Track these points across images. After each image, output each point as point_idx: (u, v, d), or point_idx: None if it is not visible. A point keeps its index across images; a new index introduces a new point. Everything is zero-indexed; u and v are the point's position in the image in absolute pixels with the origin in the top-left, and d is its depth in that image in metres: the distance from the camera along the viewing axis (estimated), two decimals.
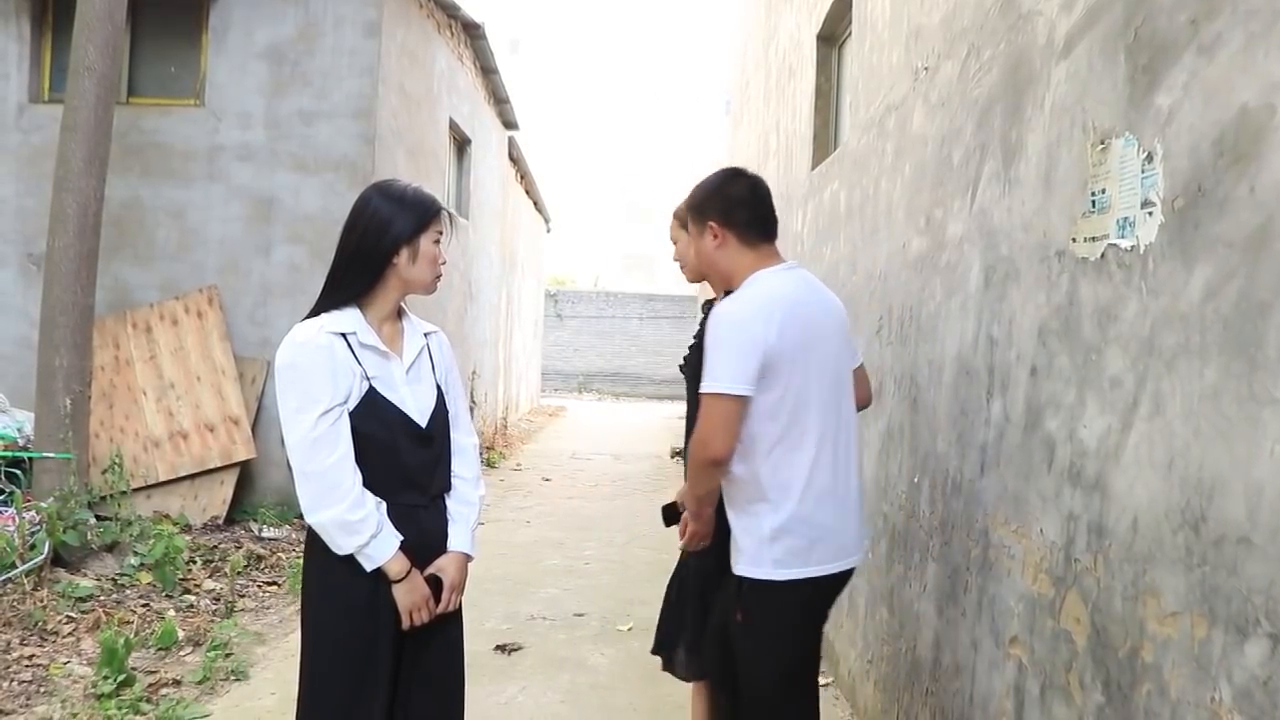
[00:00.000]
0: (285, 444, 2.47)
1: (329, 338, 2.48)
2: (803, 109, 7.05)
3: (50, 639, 5.08)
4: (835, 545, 2.73)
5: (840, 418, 2.80)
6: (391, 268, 2.56)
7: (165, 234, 8.36)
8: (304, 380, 2.44)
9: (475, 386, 14.09)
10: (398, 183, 2.67)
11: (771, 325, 2.63)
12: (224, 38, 8.33)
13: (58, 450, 6.37)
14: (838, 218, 5.53)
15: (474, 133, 12.96)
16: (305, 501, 2.46)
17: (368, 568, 2.49)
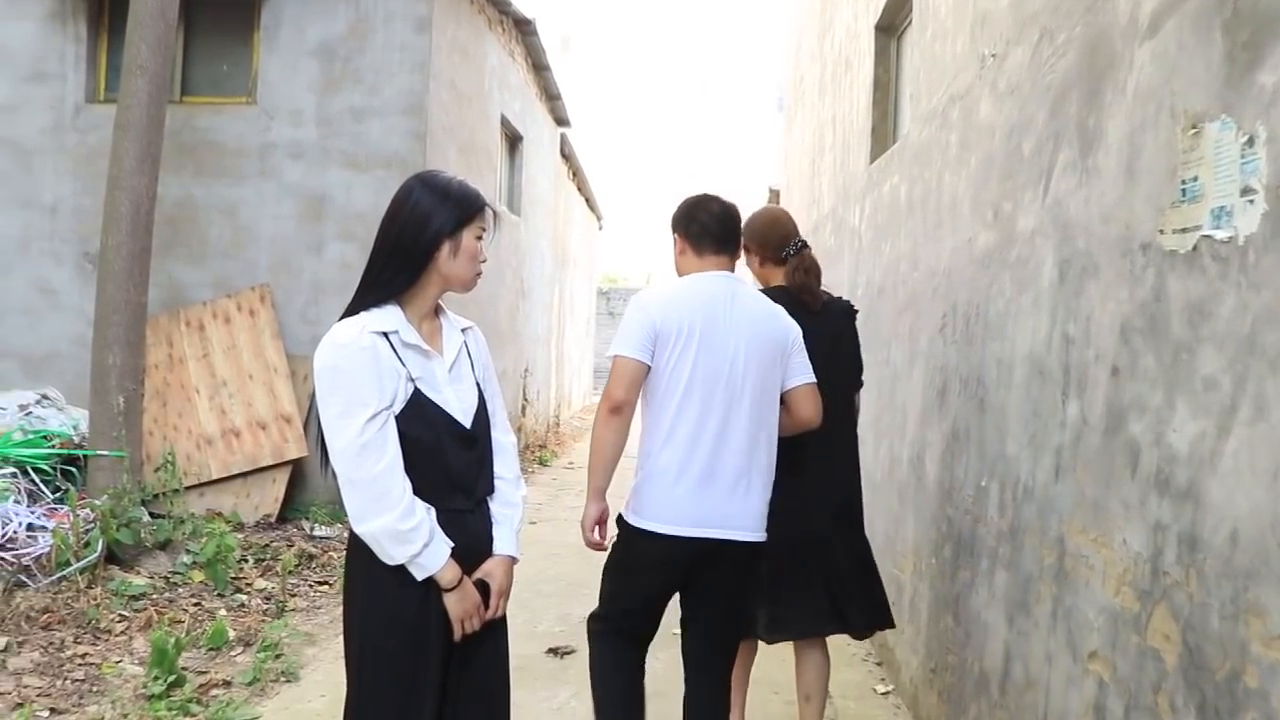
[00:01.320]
0: (329, 450, 2.37)
1: (371, 338, 2.36)
2: (860, 102, 6.89)
3: (103, 637, 5.07)
4: (696, 510, 3.16)
5: (728, 406, 3.19)
6: (432, 263, 2.45)
7: (218, 232, 8.37)
8: (348, 383, 2.33)
9: (527, 384, 14.06)
10: (442, 174, 2.55)
11: (664, 312, 3.20)
12: (275, 35, 8.32)
13: (111, 448, 6.38)
14: (898, 212, 5.38)
15: (526, 129, 12.90)
16: (353, 510, 2.34)
17: (419, 577, 2.38)
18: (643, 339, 3.20)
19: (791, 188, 12.32)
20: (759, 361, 3.25)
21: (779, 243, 3.79)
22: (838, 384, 3.65)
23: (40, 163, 8.50)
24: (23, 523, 5.82)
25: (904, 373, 5.01)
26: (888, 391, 5.40)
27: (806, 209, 10.07)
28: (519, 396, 13.58)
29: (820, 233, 8.73)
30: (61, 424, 6.96)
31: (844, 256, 7.26)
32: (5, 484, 6.09)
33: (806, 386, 3.37)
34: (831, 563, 3.69)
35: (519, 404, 13.59)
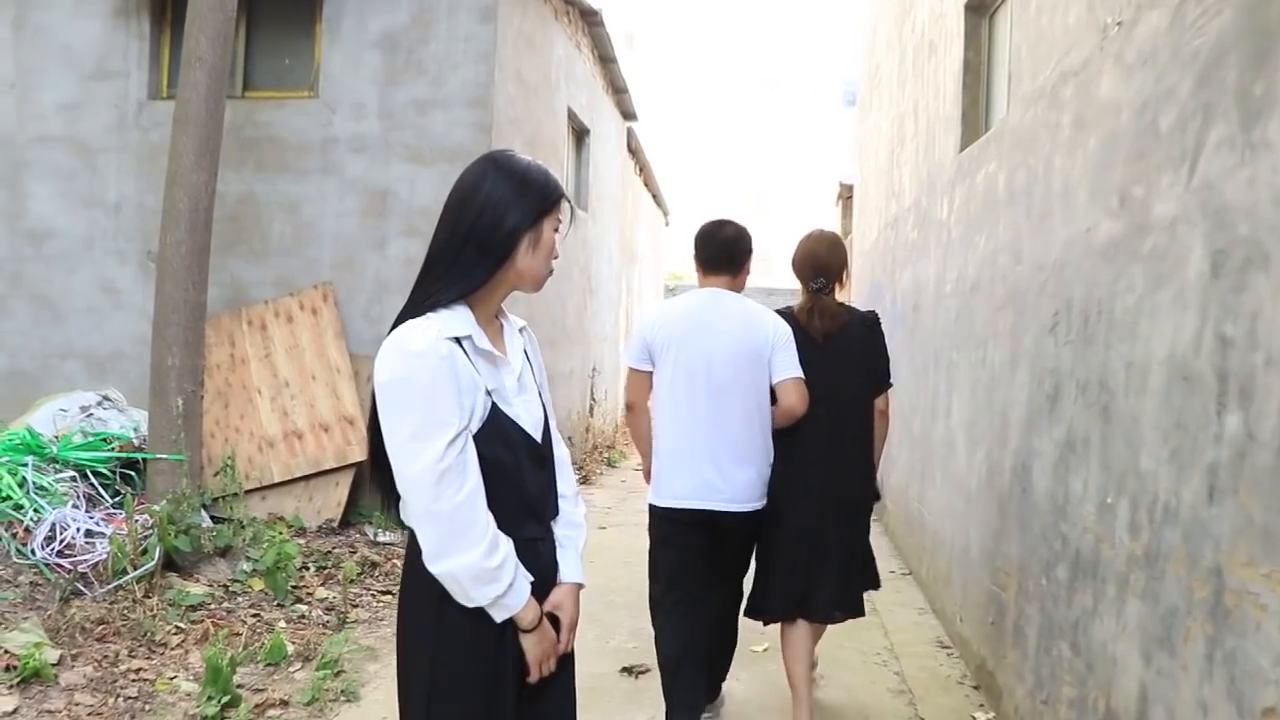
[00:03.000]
0: (398, 477, 2.05)
1: (449, 345, 2.05)
2: (947, 88, 6.50)
3: (158, 651, 4.87)
4: (690, 485, 3.92)
5: (706, 398, 3.91)
6: (511, 257, 2.15)
7: (280, 229, 8.20)
8: (425, 399, 2.01)
9: (595, 384, 13.79)
10: (516, 156, 2.22)
11: (654, 327, 4.06)
12: (338, 27, 8.12)
13: (170, 451, 6.21)
14: (995, 203, 4.99)
15: (593, 122, 12.63)
16: (431, 547, 2.04)
17: (499, 618, 2.10)
18: (640, 352, 4.10)
19: (866, 182, 11.90)
20: (734, 360, 3.93)
21: (806, 275, 4.28)
22: (854, 396, 4.19)
23: (104, 161, 8.40)
24: (80, 528, 5.66)
25: (1004, 375, 4.64)
26: (984, 394, 5.03)
27: (884, 202, 9.67)
28: (587, 396, 13.32)
29: (901, 226, 8.34)
30: (122, 426, 6.81)
31: (929, 251, 6.87)
32: (64, 488, 5.94)
33: (790, 381, 3.98)
34: (819, 555, 4.14)
35: (587, 404, 13.34)
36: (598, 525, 8.84)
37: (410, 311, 2.12)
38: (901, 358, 7.99)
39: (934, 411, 6.46)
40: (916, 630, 5.88)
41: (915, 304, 7.45)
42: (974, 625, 5.02)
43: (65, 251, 8.45)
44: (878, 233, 10.17)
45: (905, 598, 6.54)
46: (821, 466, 4.09)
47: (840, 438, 4.12)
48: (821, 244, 4.31)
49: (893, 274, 8.84)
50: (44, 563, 5.42)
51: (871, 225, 10.91)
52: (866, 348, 4.22)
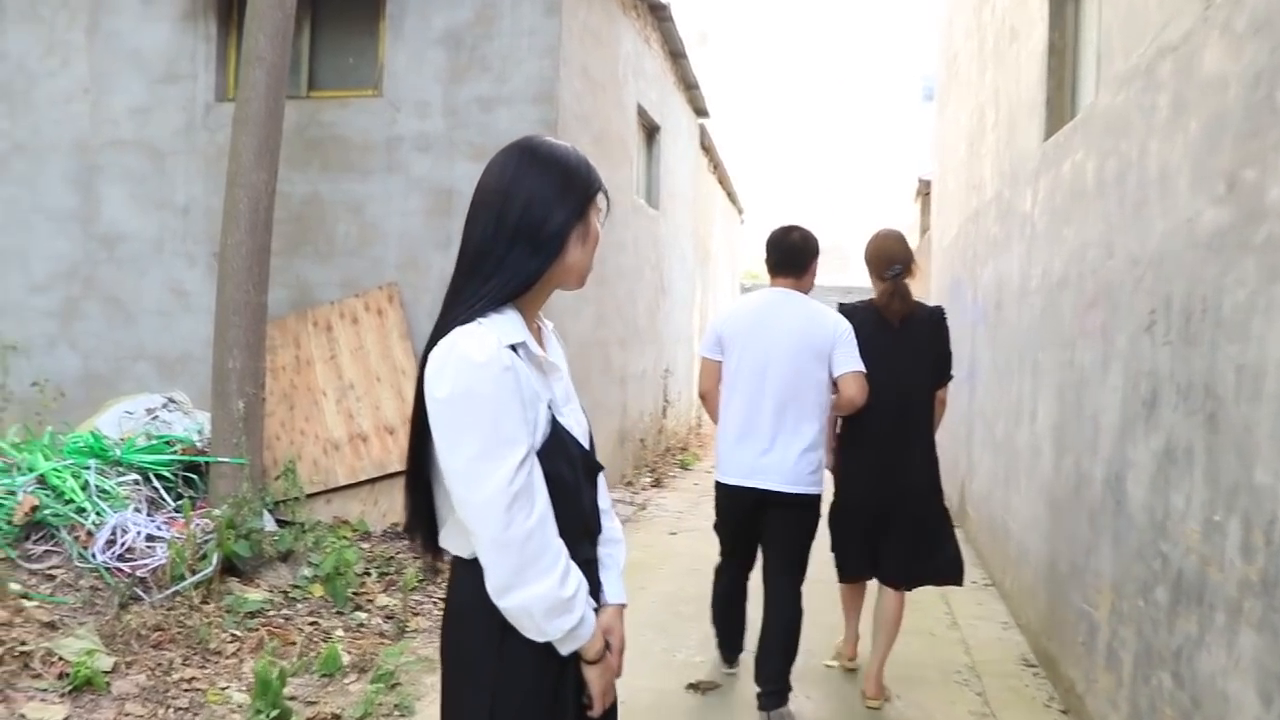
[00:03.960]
0: (460, 502, 1.86)
1: (510, 354, 1.87)
2: (1029, 73, 6.17)
3: (213, 660, 4.77)
4: (746, 466, 4.37)
5: (765, 388, 4.34)
6: (562, 252, 1.96)
7: (345, 229, 8.12)
8: (491, 416, 1.82)
9: (668, 385, 13.57)
10: (551, 141, 2.02)
11: (726, 321, 4.55)
12: (401, 25, 8.02)
13: (231, 454, 6.13)
14: (1083, 193, 4.67)
15: (663, 119, 12.42)
16: (501, 579, 1.86)
17: (566, 651, 1.93)
18: (713, 343, 4.57)
19: (945, 175, 11.52)
20: (795, 354, 4.33)
21: (880, 266, 4.65)
22: (921, 384, 4.62)
23: (173, 163, 8.41)
24: (141, 532, 5.59)
25: (1094, 377, 4.32)
26: (1073, 398, 4.71)
27: (964, 196, 9.31)
28: (660, 398, 13.12)
29: (982, 220, 8.00)
30: (186, 429, 6.76)
31: (1012, 246, 6.53)
32: (126, 491, 5.88)
33: (850, 374, 4.33)
34: (889, 528, 4.60)
35: (660, 406, 13.13)
36: (668, 531, 8.62)
37: (457, 317, 1.91)
38: (983, 357, 7.64)
39: (1018, 415, 6.13)
40: (1000, 647, 5.55)
41: (997, 301, 7.11)
42: (1062, 644, 4.70)
43: (136, 254, 8.47)
44: (957, 228, 9.80)
45: (988, 611, 6.21)
46: (892, 448, 4.56)
47: (909, 422, 4.58)
48: (890, 238, 4.77)
49: (973, 270, 8.50)
50: (104, 567, 5.35)
51: (951, 221, 10.54)
52: (934, 340, 4.66)
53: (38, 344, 8.57)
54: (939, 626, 5.89)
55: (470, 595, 1.93)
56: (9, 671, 4.23)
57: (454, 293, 1.96)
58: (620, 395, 10.77)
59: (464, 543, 1.94)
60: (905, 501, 4.58)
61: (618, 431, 10.66)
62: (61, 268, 8.62)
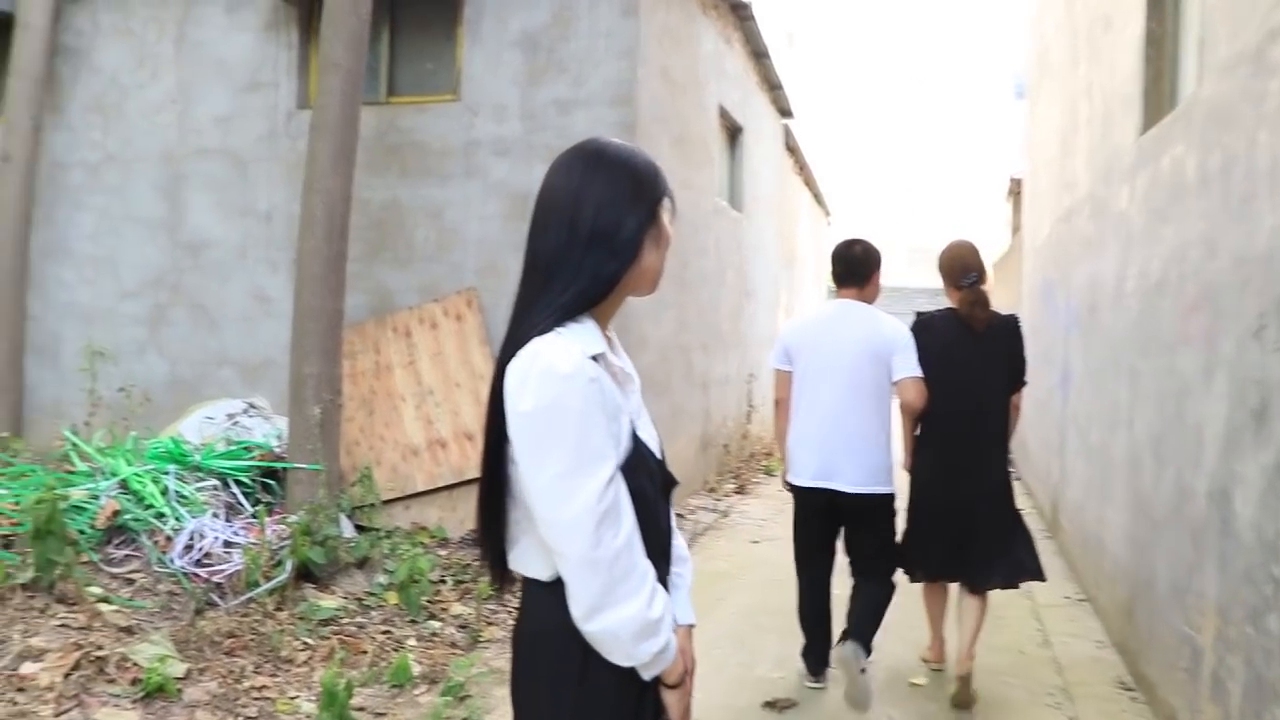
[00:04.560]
0: (545, 522, 1.78)
1: (594, 366, 1.80)
2: (1125, 64, 5.89)
3: (284, 668, 4.75)
4: (814, 468, 4.60)
5: (830, 393, 4.60)
6: (638, 257, 1.89)
7: (424, 235, 8.12)
8: (579, 430, 1.75)
9: (752, 389, 13.39)
10: (613, 142, 1.94)
11: (792, 333, 4.83)
12: (478, 28, 7.99)
13: (308, 461, 6.14)
14: (1183, 189, 4.41)
15: (746, 120, 12.26)
16: (589, 601, 1.76)
17: (649, 675, 1.85)
18: (781, 354, 4.84)
19: (1037, 173, 11.16)
20: (858, 361, 4.59)
21: (956, 275, 4.79)
22: (997, 390, 4.77)
23: (255, 171, 8.50)
24: (218, 538, 5.62)
25: (1197, 385, 4.06)
26: (1173, 407, 4.44)
27: (1056, 195, 8.99)
28: (744, 403, 12.94)
29: (1075, 220, 7.69)
30: (265, 434, 6.80)
31: (1107, 246, 6.24)
32: (205, 497, 5.92)
33: (909, 379, 4.58)
34: (968, 530, 4.69)
35: (744, 410, 12.96)
36: (750, 539, 8.46)
37: (534, 327, 1.83)
38: (1076, 363, 7.35)
39: (1114, 423, 5.85)
40: (1094, 667, 5.28)
41: (1091, 304, 6.82)
42: (1162, 668, 4.44)
43: (220, 261, 8.58)
44: (1049, 228, 9.47)
45: (1081, 628, 5.92)
46: (968, 451, 4.71)
47: (984, 426, 4.73)
48: (964, 247, 4.91)
49: (1065, 272, 8.18)
50: (182, 572, 5.39)
51: (1042, 221, 10.20)
52: (1009, 347, 4.80)
53: (127, 350, 8.73)
54: (1029, 644, 5.64)
55: (549, 619, 1.85)
56: (85, 676, 4.25)
57: (525, 303, 1.89)
58: (703, 400, 10.62)
59: (541, 564, 1.87)
60: (980, 502, 4.72)
61: (700, 437, 10.52)
62: (150, 275, 8.77)
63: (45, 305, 9.02)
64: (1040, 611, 6.20)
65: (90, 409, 7.23)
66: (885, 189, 43.19)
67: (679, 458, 9.47)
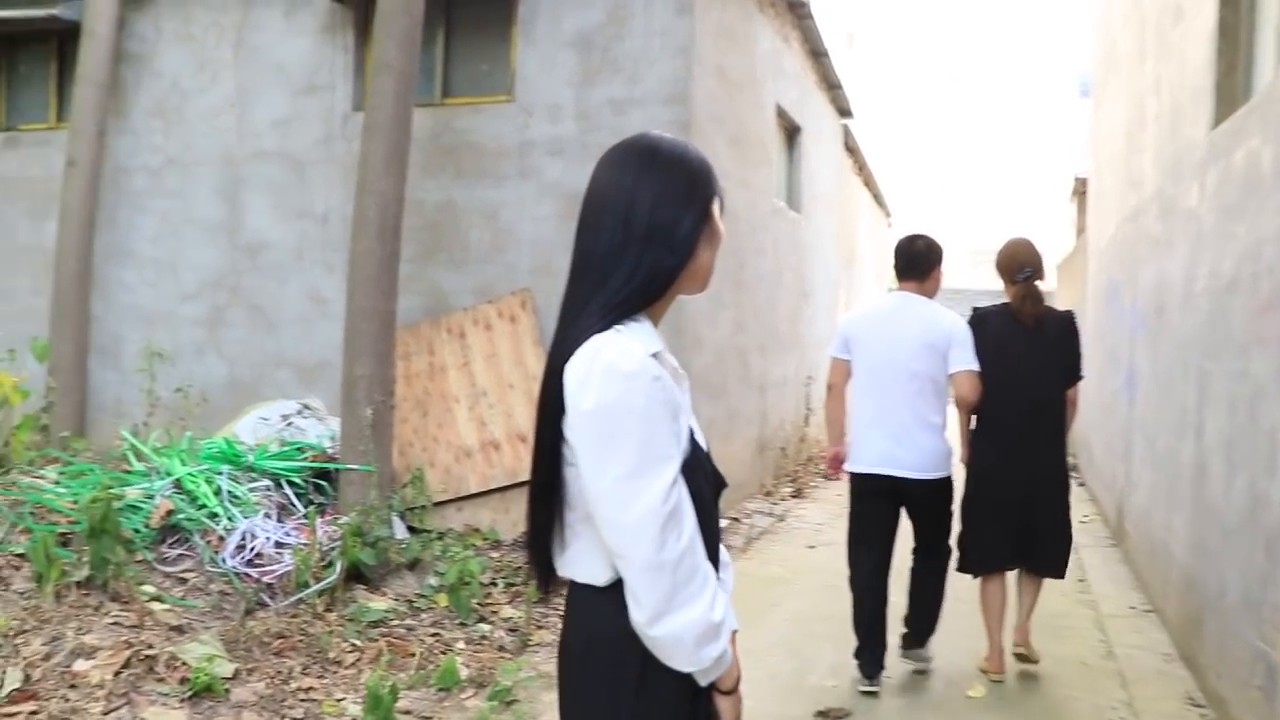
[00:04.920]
0: (607, 523, 1.73)
1: (656, 364, 1.76)
2: (1196, 56, 5.69)
3: (331, 670, 4.74)
4: (876, 455, 4.72)
5: (889, 383, 4.72)
6: (694, 254, 1.85)
7: (478, 235, 8.11)
8: (644, 430, 1.71)
9: (811, 392, 13.24)
10: (664, 138, 1.90)
11: (852, 323, 4.96)
12: (533, 28, 7.97)
13: (359, 462, 6.14)
14: (1258, 185, 4.24)
15: (804, 120, 12.12)
16: (654, 606, 1.71)
17: (706, 681, 1.80)
18: (840, 343, 4.95)
19: (1102, 172, 10.89)
20: (915, 352, 4.71)
21: (1011, 270, 4.94)
22: (1052, 382, 4.90)
23: (312, 173, 8.56)
24: (270, 538, 5.63)
25: (1271, 389, 3.89)
26: (1246, 412, 4.26)
27: (1122, 194, 8.75)
28: (801, 405, 12.80)
29: (1141, 219, 7.47)
30: (318, 435, 6.82)
31: (1176, 245, 6.04)
32: (257, 497, 5.94)
33: (964, 372, 4.72)
34: (1024, 518, 4.89)
35: (802, 413, 12.81)
36: (806, 544, 8.33)
37: (590, 326, 1.79)
38: (1143, 366, 7.14)
39: (1182, 429, 5.65)
40: (1162, 681, 5.07)
41: (1158, 305, 6.61)
42: (1234, 686, 4.26)
43: (278, 263, 8.65)
44: (1115, 228, 9.23)
45: (1147, 640, 5.72)
46: (1024, 441, 4.84)
47: (1041, 419, 4.86)
48: (1020, 245, 5.04)
49: (1132, 272, 7.96)
50: (233, 572, 5.40)
51: (1108, 220, 9.94)
52: (1064, 341, 4.93)
53: (187, 351, 8.83)
54: (1093, 655, 5.46)
55: (606, 626, 1.81)
56: (135, 674, 4.27)
57: (577, 302, 1.84)
58: (760, 403, 10.51)
59: (597, 569, 1.82)
60: (1037, 490, 4.90)
61: (757, 440, 10.41)
62: (209, 277, 8.87)
63: (108, 307, 9.15)
64: (1104, 622, 6.01)
65: (148, 409, 7.31)
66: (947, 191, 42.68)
67: (735, 460, 9.37)
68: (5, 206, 9.83)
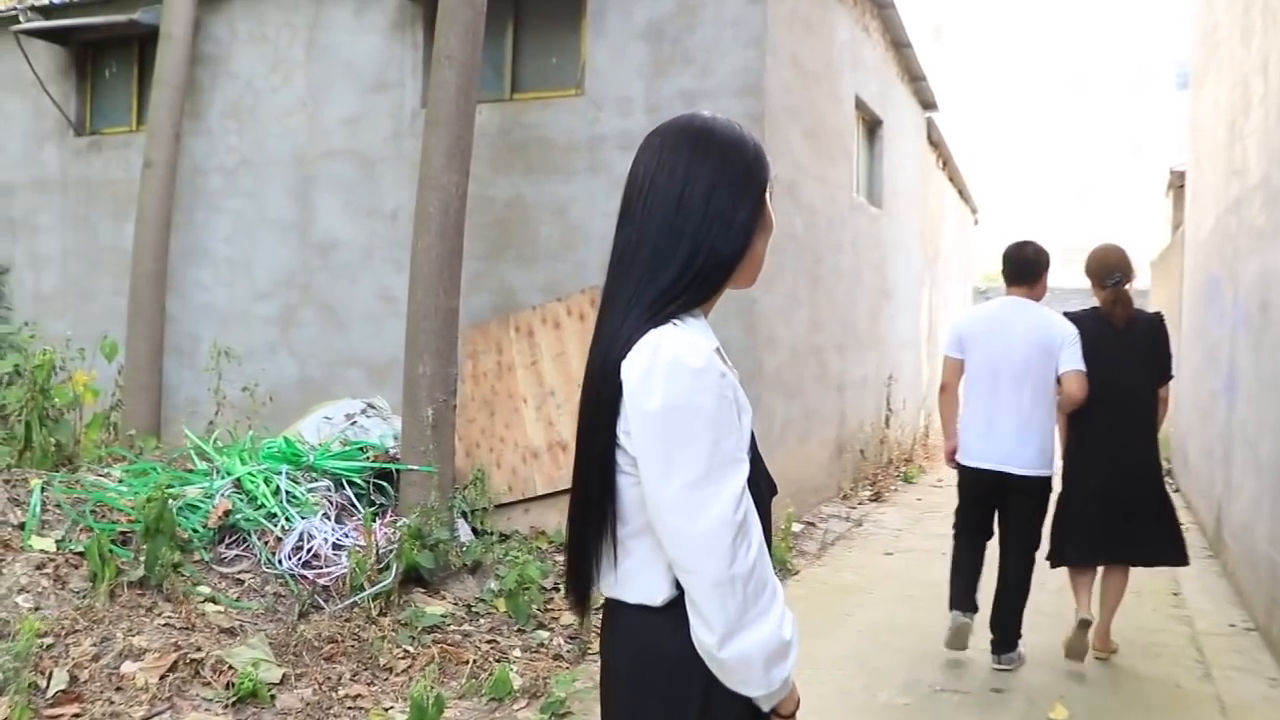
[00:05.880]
0: (672, 534, 1.59)
1: (721, 362, 1.64)
2: None
3: (382, 676, 4.62)
4: (987, 451, 4.99)
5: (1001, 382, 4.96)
6: (751, 245, 1.74)
7: (548, 232, 7.97)
8: (714, 431, 1.58)
9: (892, 392, 12.87)
10: (716, 119, 1.76)
11: (966, 325, 5.21)
12: (602, 20, 7.80)
13: (420, 462, 6.02)
14: None
15: (885, 112, 11.77)
16: (723, 626, 1.57)
17: (769, 706, 1.67)
18: (955, 342, 5.21)
19: (1200, 162, 10.37)
20: (1026, 354, 4.94)
21: (1101, 276, 5.14)
22: (1143, 382, 5.09)
23: (382, 171, 8.51)
24: (328, 540, 5.54)
25: None
26: None
27: (1223, 185, 8.29)
28: (882, 406, 12.44)
29: (1245, 210, 7.04)
30: (381, 435, 6.73)
31: None
32: (316, 498, 5.86)
33: (1073, 372, 4.89)
34: (1116, 512, 5.00)
35: (882, 414, 12.46)
36: (883, 551, 8.04)
37: (644, 320, 1.66)
38: (1245, 367, 6.72)
39: None
40: (1267, 708, 4.67)
41: (1263, 302, 6.19)
42: None
43: (348, 261, 8.62)
44: (1214, 220, 8.75)
45: (1249, 661, 5.31)
46: (1117, 438, 5.01)
47: (1131, 415, 5.03)
48: (1110, 250, 5.25)
49: (1233, 267, 7.51)
50: (289, 573, 5.32)
51: (1206, 213, 9.44)
52: (1154, 342, 5.10)
53: (260, 350, 8.85)
54: (1188, 677, 5.08)
55: (665, 648, 1.67)
56: (180, 678, 4.20)
57: (623, 297, 1.71)
58: (838, 403, 10.21)
59: (654, 586, 1.68)
60: (1128, 485, 5.03)
61: (834, 441, 10.11)
62: (281, 276, 8.88)
63: (184, 306, 9.22)
64: (1200, 640, 5.63)
65: (215, 408, 7.30)
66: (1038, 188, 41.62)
67: (811, 462, 9.11)
68: (89, 209, 9.99)
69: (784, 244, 8.08)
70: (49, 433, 6.06)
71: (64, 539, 5.09)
